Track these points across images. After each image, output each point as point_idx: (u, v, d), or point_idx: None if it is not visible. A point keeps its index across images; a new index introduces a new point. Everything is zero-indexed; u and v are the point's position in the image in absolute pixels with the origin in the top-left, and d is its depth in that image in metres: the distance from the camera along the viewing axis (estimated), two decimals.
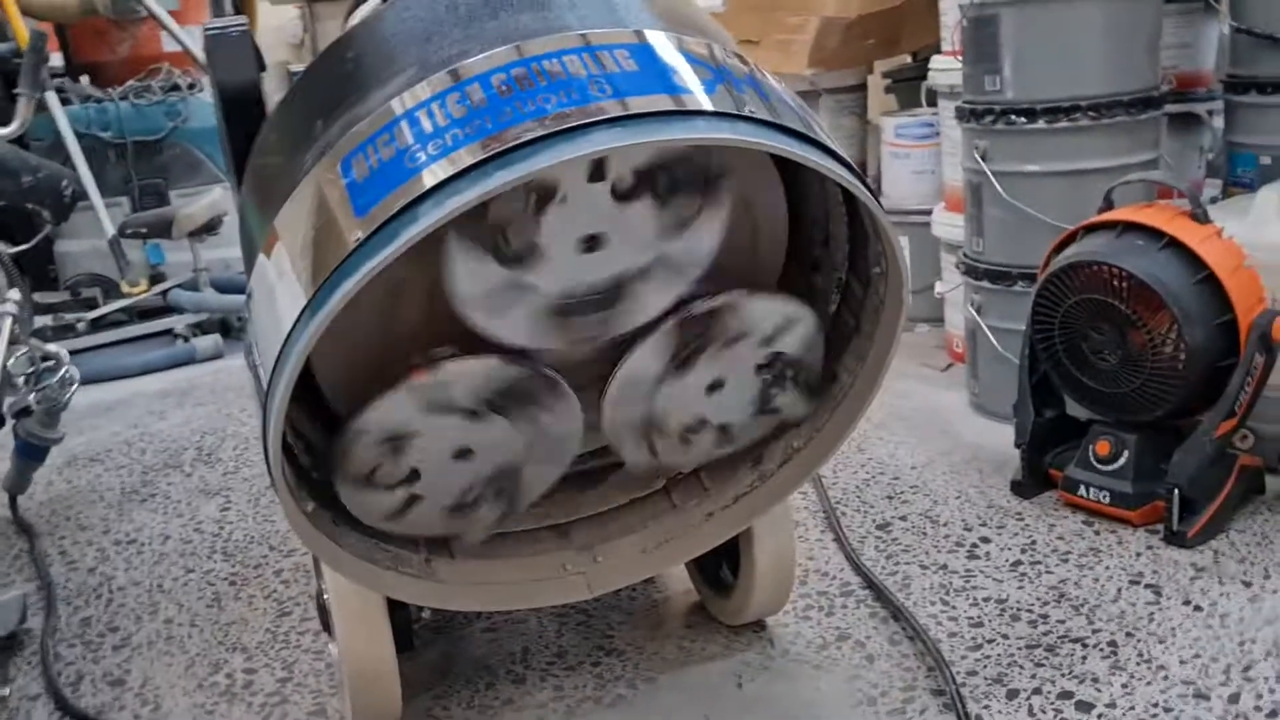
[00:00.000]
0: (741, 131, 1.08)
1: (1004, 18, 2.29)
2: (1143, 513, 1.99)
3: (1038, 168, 2.35)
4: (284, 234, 1.17)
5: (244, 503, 2.49)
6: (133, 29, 4.51)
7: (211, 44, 1.54)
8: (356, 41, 1.24)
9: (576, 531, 1.57)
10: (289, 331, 1.09)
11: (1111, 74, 2.27)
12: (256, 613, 1.98)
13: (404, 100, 1.11)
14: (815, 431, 1.51)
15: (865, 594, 1.87)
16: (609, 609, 1.87)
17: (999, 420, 2.52)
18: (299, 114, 1.24)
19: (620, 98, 1.05)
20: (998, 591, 1.84)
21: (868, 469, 2.38)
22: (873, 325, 1.41)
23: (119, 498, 2.60)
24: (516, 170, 1.01)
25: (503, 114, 1.05)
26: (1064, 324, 2.03)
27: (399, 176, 1.05)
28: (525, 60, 1.09)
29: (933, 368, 2.99)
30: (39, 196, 3.62)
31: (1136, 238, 1.95)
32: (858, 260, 1.41)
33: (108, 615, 2.03)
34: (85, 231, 4.17)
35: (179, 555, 2.25)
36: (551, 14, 1.17)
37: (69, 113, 4.17)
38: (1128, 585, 1.83)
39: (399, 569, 1.41)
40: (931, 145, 3.10)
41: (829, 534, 2.09)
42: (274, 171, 1.24)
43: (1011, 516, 2.10)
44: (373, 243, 1.03)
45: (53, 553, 2.32)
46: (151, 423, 3.15)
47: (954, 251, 2.80)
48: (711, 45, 1.19)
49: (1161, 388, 1.94)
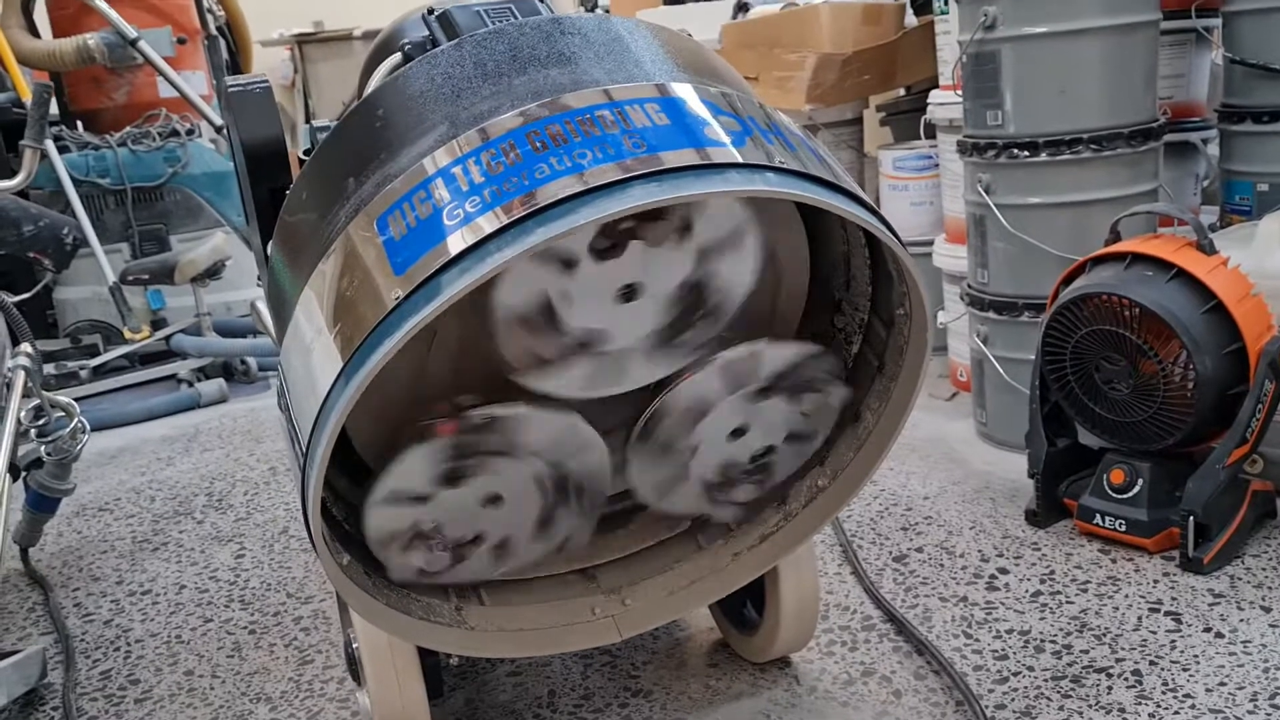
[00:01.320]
0: (773, 183, 1.10)
1: (1004, 53, 2.33)
2: (1158, 540, 2.01)
3: (1040, 200, 2.38)
4: (319, 291, 1.18)
5: (258, 549, 2.49)
6: (129, 76, 4.56)
7: (234, 101, 1.56)
8: (385, 99, 1.25)
9: (604, 575, 1.57)
10: (328, 391, 1.09)
11: (1111, 107, 2.31)
12: (278, 661, 1.98)
13: (437, 158, 1.12)
14: (839, 471, 1.52)
15: (887, 628, 1.88)
16: (633, 649, 1.87)
17: (1008, 449, 2.55)
18: (330, 172, 1.25)
19: (654, 152, 1.07)
20: (1020, 623, 1.85)
21: (881, 500, 2.39)
22: (896, 366, 1.42)
23: (130, 547, 2.59)
24: (556, 227, 1.02)
25: (539, 170, 1.07)
26: (1075, 355, 2.06)
27: (437, 234, 1.06)
28: (558, 116, 1.11)
29: (938, 397, 3.01)
30: (41, 245, 3.64)
31: (1145, 269, 1.97)
32: (880, 301, 1.43)
33: (127, 668, 2.02)
34: (85, 278, 4.19)
35: (195, 605, 2.25)
36: (579, 69, 1.19)
37: (68, 160, 4.20)
38: (1148, 613, 1.84)
39: (430, 618, 1.42)
40: (929, 177, 3.13)
41: (846, 567, 2.10)
42: (306, 229, 1.25)
43: (1028, 546, 2.11)
44: (413, 300, 1.04)
45: (67, 605, 2.31)
46: (159, 469, 3.14)
47: (956, 282, 2.83)
48: (736, 96, 1.21)
49: (1173, 416, 1.97)
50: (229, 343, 4.01)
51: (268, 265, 1.42)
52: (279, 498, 2.81)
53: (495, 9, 1.44)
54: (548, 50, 1.21)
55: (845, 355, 1.50)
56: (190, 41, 4.67)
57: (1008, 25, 2.31)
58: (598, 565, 1.58)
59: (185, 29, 4.68)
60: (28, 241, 3.64)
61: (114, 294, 4.05)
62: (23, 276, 4.10)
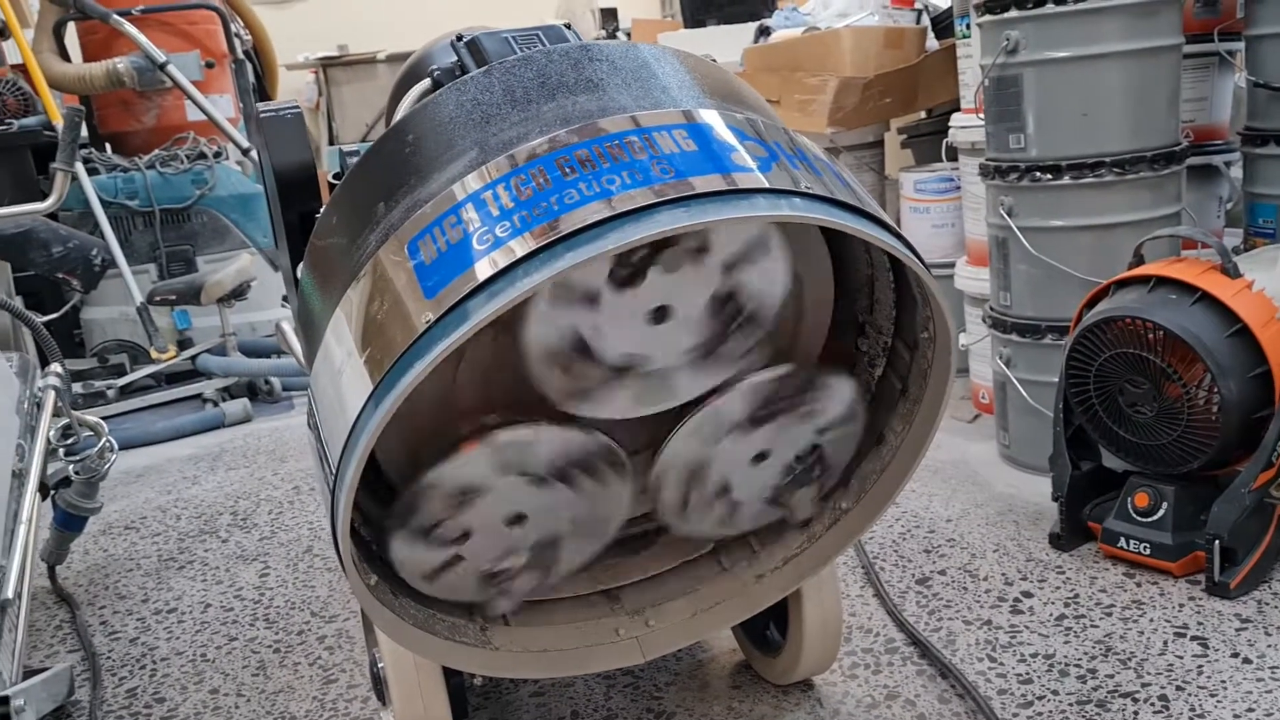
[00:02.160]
0: (799, 208, 1.11)
1: (1026, 77, 2.34)
2: (1183, 564, 2.00)
3: (1063, 223, 2.38)
4: (349, 314, 1.20)
5: (283, 568, 2.50)
6: (158, 99, 4.61)
7: (266, 126, 1.58)
8: (415, 125, 1.27)
9: (627, 596, 1.58)
10: (357, 414, 1.11)
11: (1134, 130, 2.31)
12: (303, 680, 1.99)
13: (467, 184, 1.14)
14: (863, 494, 1.53)
15: (910, 651, 1.87)
16: (656, 670, 1.87)
17: (1030, 471, 2.54)
18: (360, 197, 1.27)
19: (682, 178, 1.08)
20: (1044, 646, 1.84)
21: (903, 522, 2.39)
22: (920, 389, 1.43)
23: (156, 565, 2.62)
24: (585, 252, 1.03)
25: (567, 195, 1.08)
26: (1099, 378, 2.06)
27: (468, 259, 1.08)
28: (587, 142, 1.12)
29: (960, 419, 3.01)
30: (70, 266, 3.69)
31: (1169, 292, 1.97)
32: (904, 324, 1.44)
33: (153, 686, 2.04)
34: (112, 298, 4.24)
35: (221, 623, 2.26)
36: (607, 95, 1.21)
37: (96, 182, 4.25)
38: (1174, 637, 1.83)
39: (456, 638, 1.43)
40: (950, 199, 3.14)
41: (869, 589, 2.10)
42: (336, 253, 1.26)
43: (1052, 570, 2.10)
44: (444, 324, 1.06)
45: (93, 623, 2.33)
46: (185, 488, 3.17)
47: (978, 304, 2.83)
48: (761, 121, 1.23)
49: (1198, 440, 1.96)
50: (254, 363, 4.04)
51: (298, 288, 1.44)
52: (303, 517, 2.83)
53: (523, 36, 1.46)
54: (576, 77, 1.23)
55: (869, 378, 1.51)
56: (218, 65, 4.73)
57: (1030, 49, 2.32)
58: (621, 586, 1.59)
59: (213, 53, 4.74)
60: (57, 262, 3.69)
61: (141, 314, 4.10)
62: (52, 296, 4.16)
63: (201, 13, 4.74)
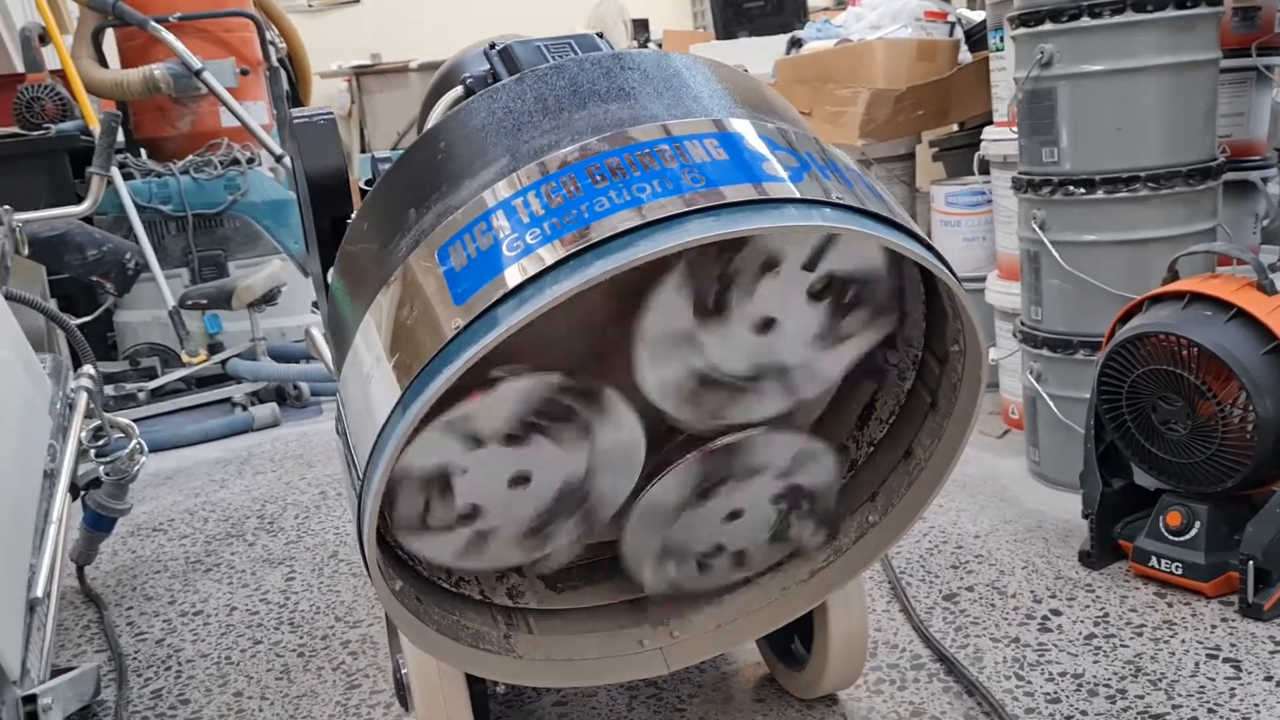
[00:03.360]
0: (830, 219, 1.10)
1: (1060, 90, 2.32)
2: (1216, 584, 1.97)
3: (1096, 238, 2.36)
4: (379, 319, 1.20)
5: (308, 572, 2.51)
6: (193, 105, 4.66)
7: (300, 133, 1.59)
8: (447, 132, 1.27)
9: (652, 606, 1.57)
10: (385, 420, 1.11)
11: (1169, 145, 2.29)
12: (326, 685, 1.99)
13: (498, 191, 1.14)
14: (890, 507, 1.52)
15: (937, 667, 1.85)
16: (679, 682, 1.87)
17: (1061, 488, 2.52)
18: (392, 203, 1.28)
19: (713, 187, 1.08)
20: (1073, 666, 1.82)
21: (930, 537, 2.37)
22: (949, 403, 1.42)
23: (183, 568, 2.63)
24: (615, 260, 1.03)
25: (598, 203, 1.08)
26: (1131, 395, 2.03)
27: (498, 265, 1.08)
28: (618, 150, 1.12)
29: (989, 434, 2.98)
30: (104, 270, 3.73)
31: (1203, 308, 1.95)
32: (934, 337, 1.43)
33: (178, 687, 2.05)
34: (144, 302, 4.28)
35: (246, 626, 2.27)
36: (639, 104, 1.20)
37: (132, 187, 4.30)
38: (1205, 659, 1.80)
39: (479, 646, 1.42)
40: (982, 213, 3.12)
41: (895, 604, 2.08)
42: (367, 258, 1.27)
43: (1082, 588, 2.08)
44: (473, 330, 1.06)
45: (120, 623, 2.35)
46: (212, 491, 3.19)
47: (1009, 319, 2.81)
48: (792, 132, 1.22)
49: (1232, 458, 1.93)
50: (282, 368, 4.07)
51: (328, 293, 1.44)
52: (329, 521, 2.84)
53: (555, 45, 1.46)
54: (607, 86, 1.23)
55: (898, 391, 1.50)
56: (253, 72, 4.78)
57: (1064, 63, 2.30)
58: (646, 596, 1.58)
59: (248, 60, 4.79)
60: (91, 266, 3.73)
61: (173, 318, 4.14)
62: (85, 299, 4.20)
63: (238, 20, 4.79)
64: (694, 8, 8.90)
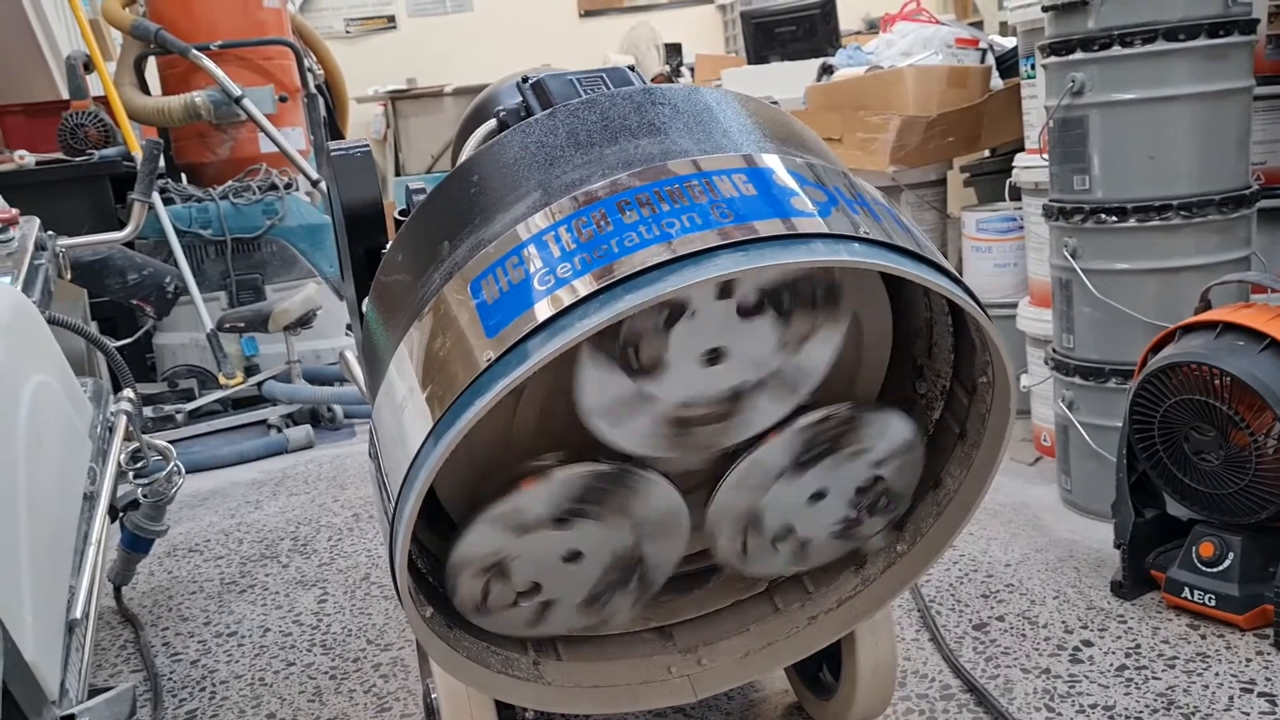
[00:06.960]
0: (858, 253, 1.11)
1: (1092, 119, 2.32)
2: (1250, 617, 1.95)
3: (1128, 266, 2.35)
4: (412, 349, 1.22)
5: (340, 594, 2.54)
6: (233, 131, 4.74)
7: (337, 164, 1.63)
8: (480, 166, 1.29)
9: (680, 634, 1.58)
10: (418, 450, 1.13)
11: (1202, 173, 2.28)
12: (357, 708, 2.01)
13: (530, 224, 1.16)
14: (919, 536, 1.52)
15: (966, 698, 1.85)
16: (707, 709, 1.87)
17: (1093, 517, 2.50)
18: (425, 235, 1.30)
19: (742, 222, 1.09)
20: (1104, 698, 1.81)
21: (960, 566, 2.36)
22: (978, 433, 1.42)
23: (218, 588, 2.66)
24: (644, 294, 1.05)
25: (628, 238, 1.10)
26: (1164, 424, 2.02)
27: (529, 299, 1.10)
28: (648, 185, 1.14)
29: (1020, 461, 2.97)
30: (144, 293, 3.79)
31: (1236, 338, 1.94)
32: (963, 368, 1.43)
33: (211, 708, 2.07)
34: (183, 324, 4.35)
35: (279, 648, 2.30)
36: (669, 139, 1.22)
37: (172, 212, 4.38)
38: (1239, 693, 1.79)
39: (509, 672, 1.44)
40: (1013, 239, 3.11)
41: (925, 634, 2.07)
42: (401, 289, 1.29)
43: (1114, 619, 2.06)
44: (504, 362, 1.08)
45: (156, 644, 2.38)
46: (247, 513, 3.23)
47: (1040, 346, 2.80)
48: (821, 166, 1.24)
49: (1266, 489, 1.92)
50: (317, 390, 4.12)
51: (362, 322, 1.47)
52: (361, 544, 2.86)
53: (587, 78, 1.48)
54: (638, 120, 1.25)
55: (927, 421, 1.50)
56: (291, 99, 4.85)
57: (1096, 91, 2.30)
58: (674, 624, 1.59)
59: (286, 87, 4.87)
60: (132, 289, 3.79)
61: (211, 340, 4.20)
62: (125, 322, 4.28)
63: (277, 48, 4.88)
64: (726, 32, 8.96)
